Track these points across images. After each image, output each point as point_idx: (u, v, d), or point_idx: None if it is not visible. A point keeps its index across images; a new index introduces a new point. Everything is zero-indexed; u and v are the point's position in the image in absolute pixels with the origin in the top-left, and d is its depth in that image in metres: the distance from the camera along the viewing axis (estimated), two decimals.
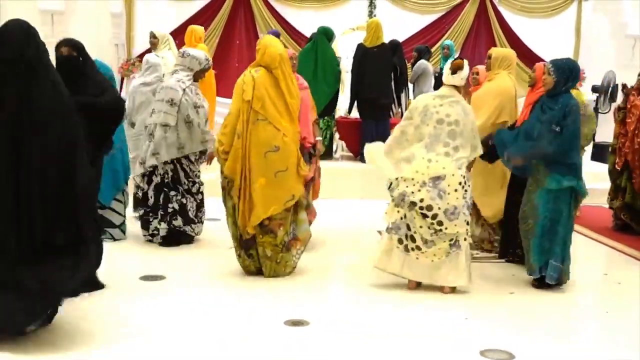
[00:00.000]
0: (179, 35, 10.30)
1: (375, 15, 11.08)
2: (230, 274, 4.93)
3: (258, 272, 4.88)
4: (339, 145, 9.22)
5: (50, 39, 3.73)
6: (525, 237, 4.77)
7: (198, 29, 8.46)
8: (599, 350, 3.88)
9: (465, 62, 4.69)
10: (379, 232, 4.80)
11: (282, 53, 4.75)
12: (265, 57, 4.73)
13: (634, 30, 11.76)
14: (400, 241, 4.62)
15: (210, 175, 5.86)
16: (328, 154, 8.73)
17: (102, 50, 4.88)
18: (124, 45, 10.74)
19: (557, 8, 11.81)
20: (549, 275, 4.68)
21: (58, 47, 4.20)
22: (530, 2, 11.71)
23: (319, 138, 5.82)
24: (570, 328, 4.23)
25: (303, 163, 4.88)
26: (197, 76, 5.53)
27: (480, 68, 6.04)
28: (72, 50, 4.19)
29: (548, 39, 11.60)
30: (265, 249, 4.80)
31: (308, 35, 9.77)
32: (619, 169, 6.59)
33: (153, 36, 7.73)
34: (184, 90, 5.39)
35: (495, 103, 5.32)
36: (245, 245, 4.82)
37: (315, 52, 8.34)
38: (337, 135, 9.02)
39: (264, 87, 4.68)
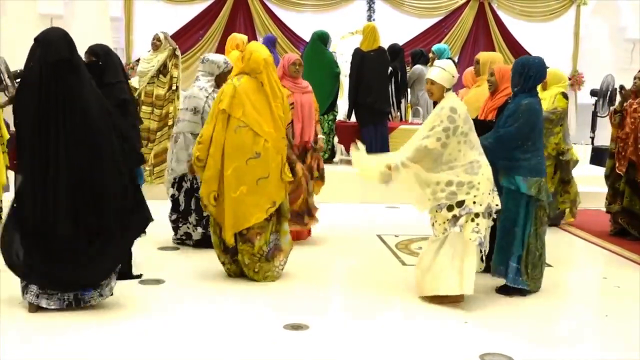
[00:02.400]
0: (178, 39, 10.36)
1: (374, 19, 11.10)
2: (230, 278, 4.92)
3: (242, 274, 4.89)
4: (338, 150, 9.20)
5: None
6: (492, 238, 4.65)
7: (238, 36, 8.54)
8: (598, 354, 3.89)
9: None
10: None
11: (266, 58, 4.70)
12: (250, 62, 4.72)
13: (632, 34, 11.79)
14: (482, 259, 4.48)
15: None
16: (328, 158, 8.73)
17: None
18: (124, 49, 10.76)
19: (556, 12, 11.83)
20: (508, 277, 4.61)
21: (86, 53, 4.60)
22: (528, 6, 11.73)
23: (321, 135, 5.94)
24: (570, 332, 4.22)
25: (287, 169, 4.83)
26: (219, 80, 5.46)
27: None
28: (91, 55, 4.53)
29: (547, 42, 11.62)
30: (244, 257, 4.77)
31: (307, 38, 9.79)
32: (621, 173, 6.52)
33: (157, 39, 7.80)
34: (206, 97, 5.39)
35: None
36: (231, 251, 4.81)
37: (311, 57, 8.30)
38: (336, 139, 9.02)
39: (246, 93, 4.66)
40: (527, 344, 3.88)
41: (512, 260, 4.62)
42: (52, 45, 3.78)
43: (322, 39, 8.42)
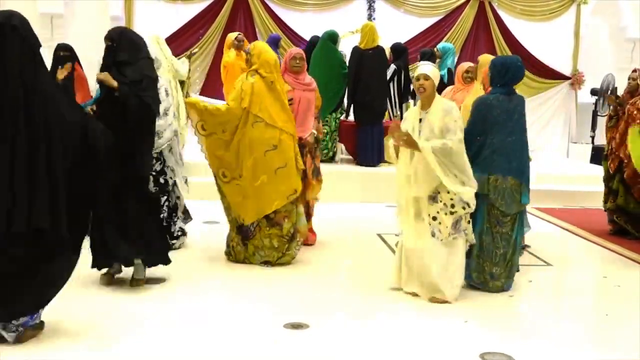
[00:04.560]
0: (178, 38, 10.37)
1: (374, 18, 11.11)
2: (231, 276, 4.93)
3: (243, 260, 5.17)
4: (339, 149, 9.21)
5: (49, 42, 3.73)
6: None
7: (230, 35, 8.63)
8: (598, 353, 3.89)
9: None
10: None
11: (275, 58, 5.16)
12: (261, 61, 5.07)
13: (632, 34, 11.78)
14: None
15: (206, 179, 5.84)
16: (330, 158, 8.73)
17: (102, 53, 4.89)
18: None
19: (556, 11, 11.81)
20: None
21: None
22: (529, 5, 11.71)
23: (313, 131, 5.84)
24: (570, 331, 4.22)
25: (299, 158, 5.25)
26: None
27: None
28: (107, 40, 4.47)
29: (547, 42, 11.62)
30: (272, 241, 5.13)
31: (307, 37, 9.78)
32: (611, 170, 6.59)
33: None
34: None
35: None
36: (244, 235, 5.13)
37: (321, 56, 8.34)
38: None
39: (261, 91, 5.02)
40: (528, 343, 3.88)
41: None
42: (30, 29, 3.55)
43: (332, 38, 8.44)
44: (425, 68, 4.49)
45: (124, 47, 4.42)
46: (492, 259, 4.66)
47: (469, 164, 4.39)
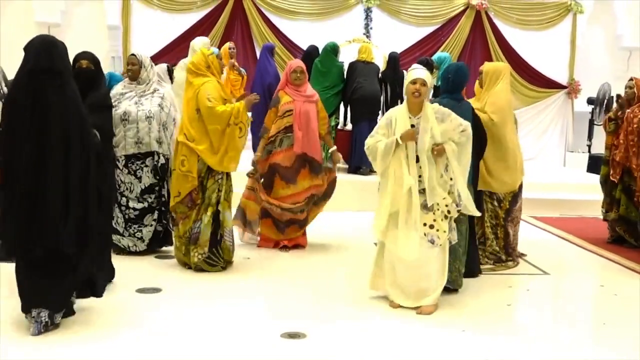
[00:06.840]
0: (175, 47, 10.39)
1: (371, 27, 11.18)
2: (226, 286, 4.92)
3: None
4: None
5: None
6: None
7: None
8: None
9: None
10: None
11: (193, 61, 5.26)
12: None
13: (628, 43, 11.84)
14: None
15: None
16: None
17: (102, 63, 4.91)
18: (121, 58, 10.76)
19: (552, 20, 11.88)
20: None
21: (77, 59, 4.49)
22: (525, 14, 11.78)
23: (334, 148, 6.10)
24: (568, 340, 4.21)
25: (182, 163, 5.13)
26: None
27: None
28: (91, 63, 4.47)
29: (543, 51, 11.68)
30: (175, 239, 5.41)
31: (303, 46, 9.81)
32: (615, 180, 6.53)
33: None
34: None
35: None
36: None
37: (322, 67, 8.53)
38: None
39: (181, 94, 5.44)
40: (525, 352, 3.88)
41: None
42: (30, 53, 3.67)
43: (334, 50, 8.77)
44: (422, 73, 4.46)
45: (101, 75, 4.58)
46: (459, 257, 4.77)
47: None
